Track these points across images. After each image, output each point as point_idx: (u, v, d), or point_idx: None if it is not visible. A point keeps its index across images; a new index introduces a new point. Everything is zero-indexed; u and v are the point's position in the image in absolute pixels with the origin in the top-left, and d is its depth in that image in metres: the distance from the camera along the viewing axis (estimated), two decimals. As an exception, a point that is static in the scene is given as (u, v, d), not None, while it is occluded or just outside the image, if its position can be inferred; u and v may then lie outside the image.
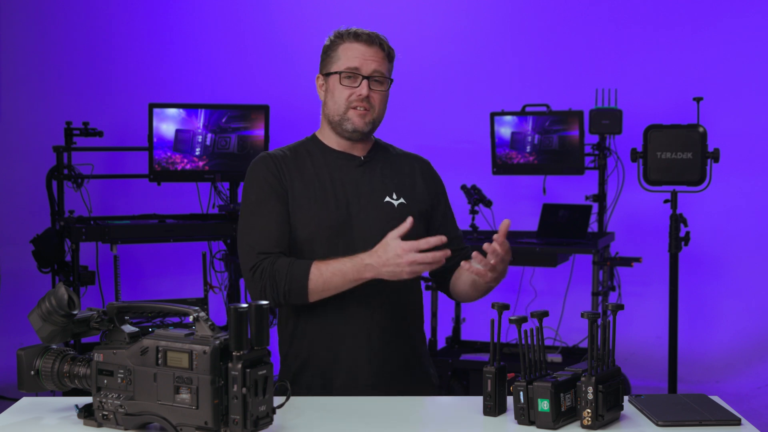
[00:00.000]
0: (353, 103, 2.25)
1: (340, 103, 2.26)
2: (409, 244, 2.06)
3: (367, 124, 2.26)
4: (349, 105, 2.25)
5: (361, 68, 2.24)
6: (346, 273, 2.13)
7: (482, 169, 5.13)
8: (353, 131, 2.26)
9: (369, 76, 2.24)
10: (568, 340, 4.89)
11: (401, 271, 2.07)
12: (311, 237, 2.23)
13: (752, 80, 5.42)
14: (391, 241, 2.08)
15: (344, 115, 2.26)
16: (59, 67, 5.79)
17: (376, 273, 2.10)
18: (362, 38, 2.26)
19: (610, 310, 1.87)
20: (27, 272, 4.83)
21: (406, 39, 5.78)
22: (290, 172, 2.28)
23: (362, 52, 2.25)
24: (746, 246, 5.43)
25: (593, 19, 5.63)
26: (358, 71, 2.24)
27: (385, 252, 2.08)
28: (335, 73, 2.26)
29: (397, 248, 2.06)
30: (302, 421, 1.88)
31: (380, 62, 2.26)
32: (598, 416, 1.79)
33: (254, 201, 2.25)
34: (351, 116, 2.25)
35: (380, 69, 2.26)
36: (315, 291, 2.16)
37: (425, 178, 2.38)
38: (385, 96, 2.30)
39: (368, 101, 2.25)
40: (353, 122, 2.25)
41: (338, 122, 2.27)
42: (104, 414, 1.78)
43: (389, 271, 2.08)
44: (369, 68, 2.25)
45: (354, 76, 2.25)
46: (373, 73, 2.25)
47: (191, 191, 5.03)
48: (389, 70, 2.31)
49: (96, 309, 1.85)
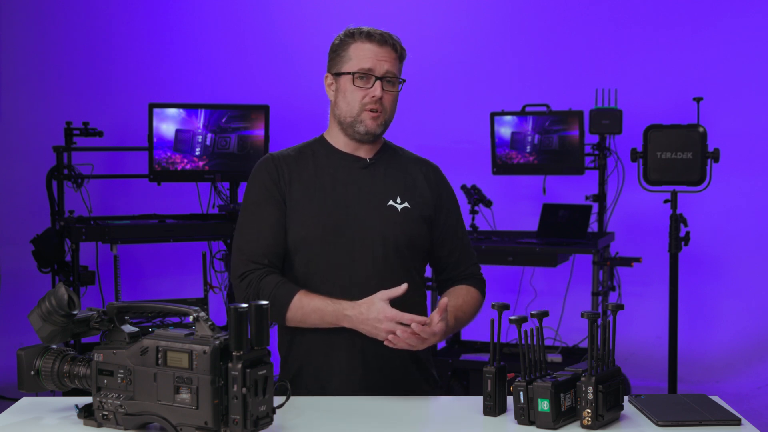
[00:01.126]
0: (367, 105, 2.22)
1: (354, 104, 2.23)
2: (393, 313, 2.03)
3: (379, 126, 2.24)
4: (363, 107, 2.22)
5: (374, 69, 2.22)
6: (324, 315, 2.13)
7: (482, 169, 5.13)
8: (366, 133, 2.24)
9: (382, 77, 2.22)
10: (568, 340, 4.89)
11: (377, 334, 2.06)
12: (308, 237, 2.21)
13: (752, 80, 5.41)
14: (377, 302, 2.05)
15: (357, 117, 2.23)
16: (59, 67, 5.79)
17: (353, 326, 2.10)
18: (375, 38, 2.23)
19: (610, 310, 1.87)
20: (27, 272, 4.82)
21: (406, 39, 5.72)
22: (291, 173, 2.27)
23: (375, 53, 2.22)
24: (746, 246, 5.43)
25: (593, 19, 5.63)
26: (372, 72, 2.21)
27: (368, 310, 2.06)
28: (347, 73, 2.23)
29: (380, 313, 2.04)
30: (302, 421, 1.88)
31: (393, 63, 2.24)
32: (598, 416, 1.80)
33: (252, 203, 2.27)
34: (364, 118, 2.23)
35: (393, 69, 2.24)
36: (293, 320, 2.17)
37: (431, 183, 2.33)
38: (397, 97, 2.28)
39: (381, 103, 2.22)
40: (366, 124, 2.23)
41: (350, 123, 2.25)
42: (104, 414, 1.78)
43: (366, 329, 2.08)
44: (382, 69, 2.22)
45: (367, 77, 2.22)
46: (386, 74, 2.22)
47: (191, 191, 5.02)
48: (400, 70, 2.29)
49: (96, 309, 1.85)
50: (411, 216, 2.25)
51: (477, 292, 2.33)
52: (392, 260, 2.19)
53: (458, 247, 2.35)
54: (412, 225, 2.25)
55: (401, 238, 2.23)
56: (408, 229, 2.24)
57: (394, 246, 2.22)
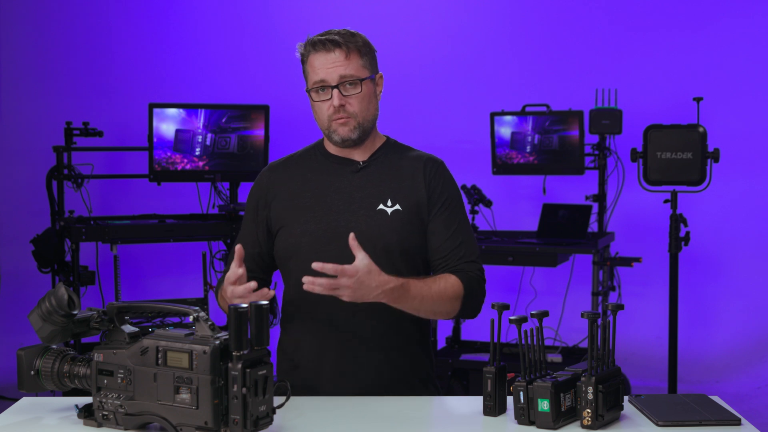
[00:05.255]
0: (332, 115, 2.19)
1: (322, 118, 2.22)
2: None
3: (353, 131, 2.20)
4: (329, 118, 2.20)
5: (326, 79, 2.17)
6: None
7: (482, 169, 5.12)
8: (342, 141, 2.21)
9: (337, 84, 2.17)
10: (568, 340, 4.89)
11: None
12: (299, 244, 2.21)
13: (752, 80, 5.41)
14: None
15: (329, 129, 2.21)
16: (59, 67, 5.79)
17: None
18: (318, 47, 2.18)
19: (610, 310, 1.86)
20: (27, 272, 4.83)
21: (406, 39, 5.80)
22: (283, 182, 2.28)
23: (323, 62, 2.17)
24: (746, 246, 5.43)
25: (593, 20, 5.63)
26: (326, 82, 2.17)
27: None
28: (308, 90, 2.22)
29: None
30: (302, 421, 1.88)
31: (345, 65, 2.16)
32: (598, 416, 1.80)
33: (245, 214, 2.35)
34: (335, 128, 2.20)
35: (347, 72, 2.16)
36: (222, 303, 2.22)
37: (427, 179, 2.23)
38: (365, 96, 2.20)
39: (345, 110, 2.18)
40: (339, 133, 2.20)
41: (328, 135, 2.24)
42: (104, 414, 1.78)
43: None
44: (334, 76, 2.16)
45: (324, 88, 2.18)
46: (341, 80, 2.17)
47: (191, 191, 5.02)
48: (363, 65, 2.19)
49: (96, 309, 1.85)
50: (401, 218, 2.19)
51: (457, 281, 2.15)
52: (383, 264, 2.05)
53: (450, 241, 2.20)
54: (403, 227, 2.19)
55: (391, 242, 2.17)
56: (398, 232, 2.18)
57: (385, 250, 2.15)
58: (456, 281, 2.15)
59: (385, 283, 1.99)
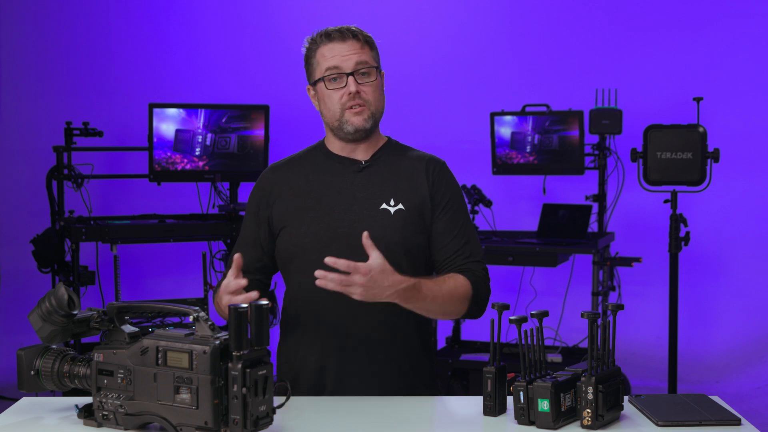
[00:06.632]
0: (346, 103, 2.18)
1: (334, 107, 2.19)
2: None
3: (366, 120, 2.19)
4: (343, 107, 2.18)
5: (341, 66, 2.17)
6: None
7: (482, 169, 5.12)
8: (355, 131, 2.20)
9: (353, 71, 2.17)
10: (568, 340, 4.89)
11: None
12: (302, 245, 2.20)
13: (752, 80, 5.41)
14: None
15: (341, 119, 2.19)
16: (59, 67, 5.79)
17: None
18: (334, 36, 2.19)
19: (610, 310, 1.86)
20: (27, 272, 4.82)
21: (406, 39, 5.80)
22: (285, 183, 2.27)
23: (338, 50, 2.18)
24: (746, 246, 5.42)
25: (593, 20, 5.63)
26: (340, 69, 2.17)
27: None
28: (320, 79, 2.20)
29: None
30: (302, 421, 1.88)
31: (360, 53, 2.18)
32: (598, 416, 1.80)
33: (245, 216, 2.34)
34: (348, 117, 2.18)
35: (362, 60, 2.18)
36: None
37: (429, 179, 2.23)
38: (377, 86, 2.21)
39: (360, 97, 2.18)
40: (352, 123, 2.19)
41: (338, 127, 2.21)
42: (104, 414, 1.78)
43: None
44: (350, 63, 2.17)
45: (339, 76, 2.18)
46: (357, 66, 2.18)
47: (191, 191, 5.02)
48: (374, 57, 2.22)
49: (96, 309, 1.85)
50: (404, 218, 2.19)
51: (465, 281, 2.16)
52: None
53: (455, 241, 2.21)
54: (405, 226, 2.19)
55: (394, 241, 2.17)
56: (400, 231, 2.18)
57: (388, 249, 2.10)
58: (464, 281, 2.16)
59: (398, 283, 1.98)
